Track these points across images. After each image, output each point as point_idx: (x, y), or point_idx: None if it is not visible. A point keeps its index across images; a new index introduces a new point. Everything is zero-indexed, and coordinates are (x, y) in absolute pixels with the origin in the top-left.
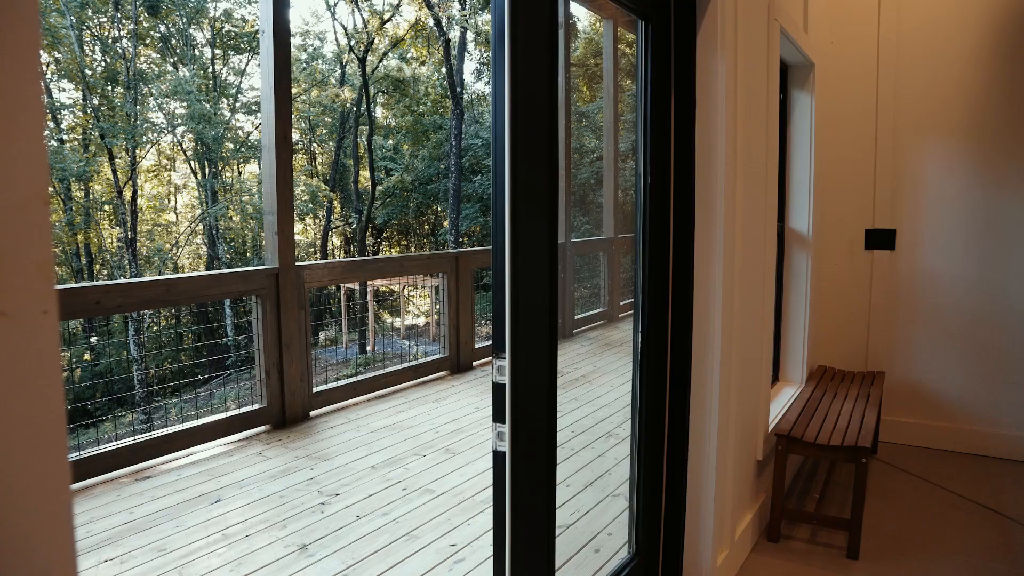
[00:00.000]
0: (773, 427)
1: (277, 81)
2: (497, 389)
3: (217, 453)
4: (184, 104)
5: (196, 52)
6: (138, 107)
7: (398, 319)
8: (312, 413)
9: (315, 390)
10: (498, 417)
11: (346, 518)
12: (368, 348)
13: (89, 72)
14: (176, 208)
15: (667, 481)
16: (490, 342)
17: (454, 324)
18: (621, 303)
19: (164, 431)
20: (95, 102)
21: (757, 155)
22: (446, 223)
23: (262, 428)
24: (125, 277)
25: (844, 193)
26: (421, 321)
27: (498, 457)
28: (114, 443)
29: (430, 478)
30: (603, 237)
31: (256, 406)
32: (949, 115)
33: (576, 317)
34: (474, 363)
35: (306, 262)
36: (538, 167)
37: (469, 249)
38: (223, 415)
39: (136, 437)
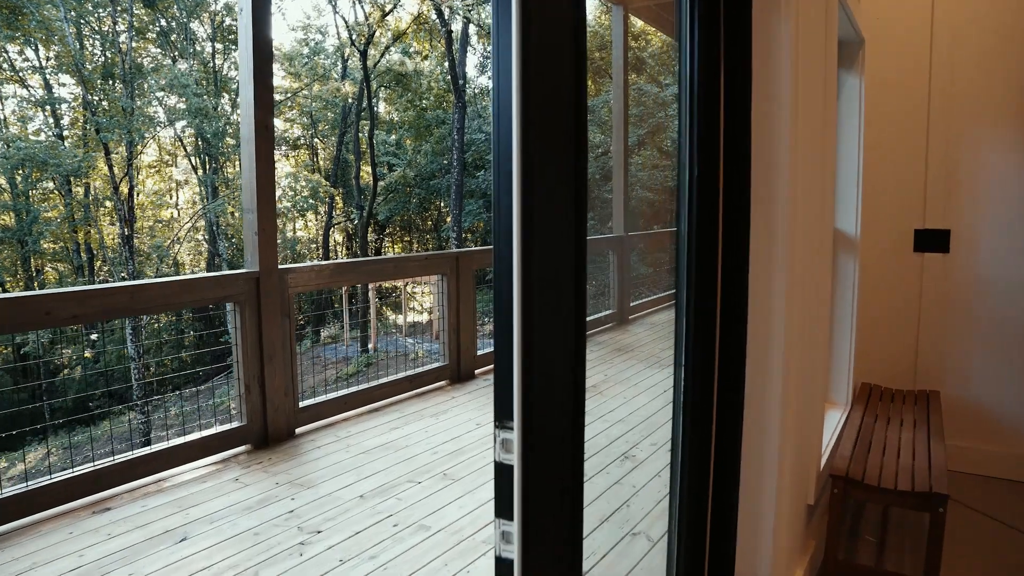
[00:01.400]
0: (825, 463)
1: (256, 64)
2: (502, 472)
3: (189, 479)
4: (182, 99)
5: (197, 47)
6: (137, 101)
7: (400, 316)
8: (298, 430)
9: (301, 405)
10: (503, 511)
11: (328, 562)
12: (370, 346)
13: (90, 66)
14: (177, 204)
15: (711, 540)
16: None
17: (454, 329)
18: (632, 304)
19: (129, 455)
20: (91, 97)
21: (814, 144)
22: (449, 219)
23: (242, 448)
24: (125, 273)
25: (890, 188)
26: (424, 318)
27: (504, 566)
28: (69, 471)
29: (425, 511)
30: (612, 235)
31: (235, 424)
32: (1016, 97)
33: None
34: (476, 371)
35: (290, 264)
36: (560, 142)
37: (470, 249)
38: (197, 435)
39: (96, 463)
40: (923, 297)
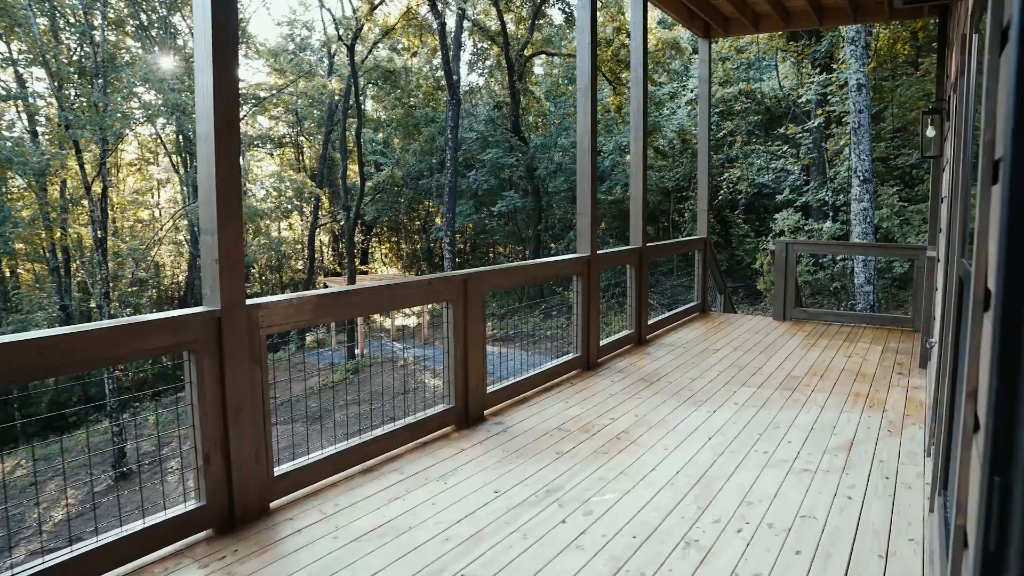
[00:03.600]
0: None
1: (216, 44)
2: None
3: None
4: (159, 94)
5: (179, 41)
6: (116, 97)
7: (387, 319)
8: (273, 504)
9: (277, 472)
10: None
11: None
12: (357, 351)
13: (64, 59)
14: (159, 204)
15: None
16: (506, 383)
17: (461, 364)
18: (649, 323)
19: (42, 562)
20: (65, 92)
21: None
22: (439, 219)
23: (201, 535)
24: (99, 277)
25: None
26: (412, 321)
27: None
28: None
29: None
30: (631, 247)
31: (192, 504)
32: None
33: (601, 343)
34: (486, 412)
35: (260, 299)
36: None
37: (481, 269)
38: (139, 525)
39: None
40: None
